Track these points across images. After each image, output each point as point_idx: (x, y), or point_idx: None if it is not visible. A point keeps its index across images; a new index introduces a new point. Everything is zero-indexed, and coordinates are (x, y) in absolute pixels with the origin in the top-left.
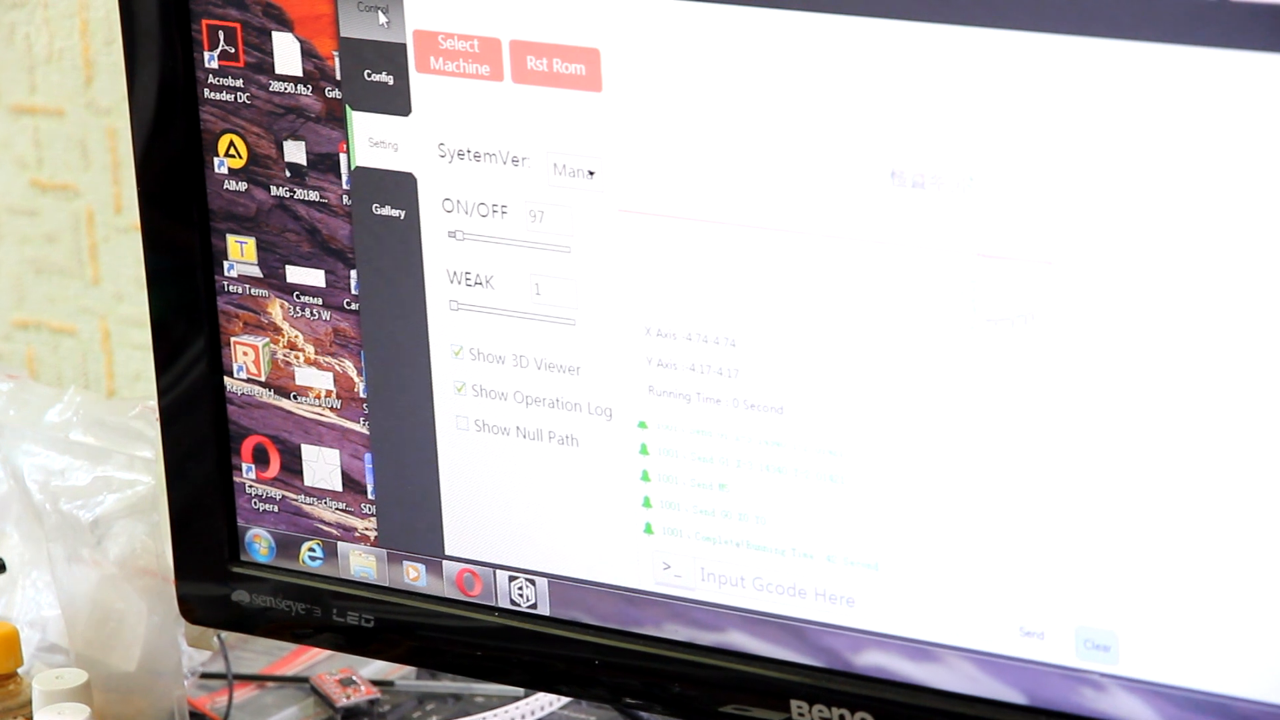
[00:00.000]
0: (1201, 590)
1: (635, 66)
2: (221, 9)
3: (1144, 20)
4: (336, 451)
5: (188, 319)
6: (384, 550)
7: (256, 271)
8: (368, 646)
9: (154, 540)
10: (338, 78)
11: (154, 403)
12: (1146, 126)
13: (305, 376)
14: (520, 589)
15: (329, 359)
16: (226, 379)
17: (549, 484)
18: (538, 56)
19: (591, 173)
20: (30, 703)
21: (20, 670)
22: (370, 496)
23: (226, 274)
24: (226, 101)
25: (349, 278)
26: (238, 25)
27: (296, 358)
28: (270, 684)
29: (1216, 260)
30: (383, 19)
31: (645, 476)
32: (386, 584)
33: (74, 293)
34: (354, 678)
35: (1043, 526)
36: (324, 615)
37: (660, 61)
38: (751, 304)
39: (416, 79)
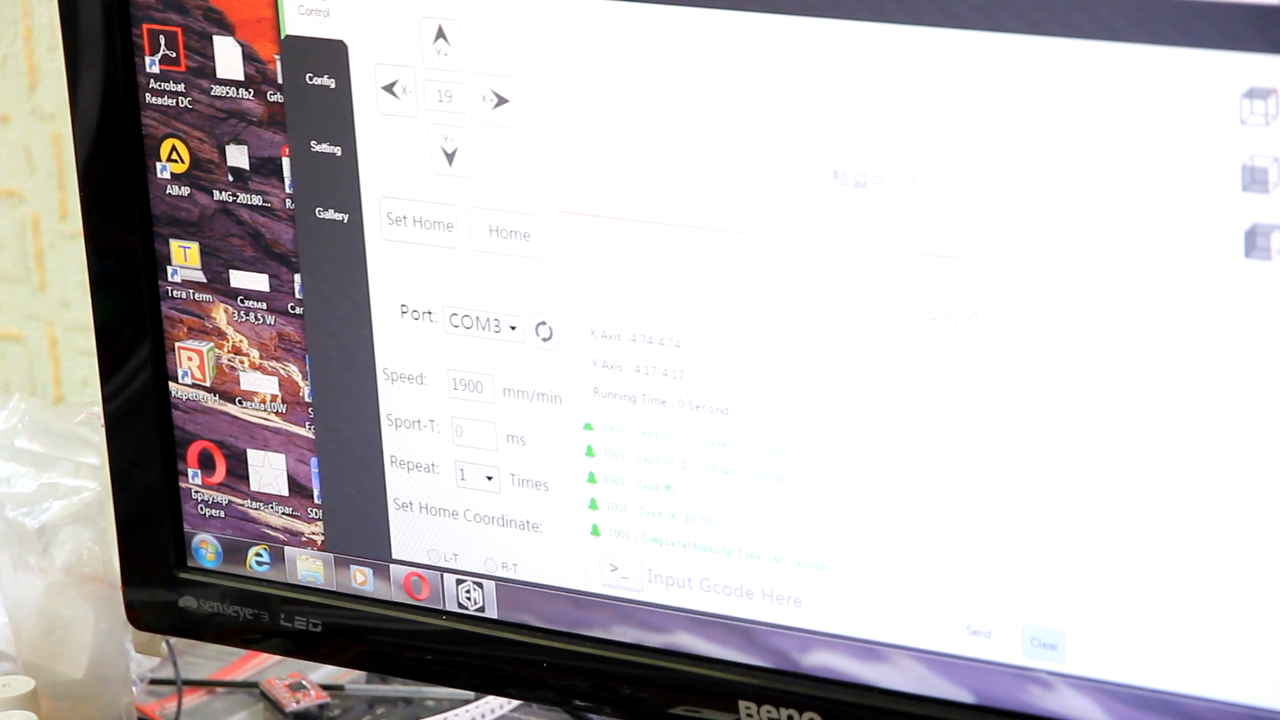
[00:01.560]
0: (1149, 588)
1: (578, 66)
2: (162, 13)
3: (1088, 18)
4: (282, 456)
5: (132, 324)
6: (331, 554)
7: (200, 276)
8: (316, 651)
9: (100, 547)
10: (279, 81)
11: (99, 409)
12: (1089, 124)
13: (250, 381)
14: (468, 592)
15: (274, 363)
16: (171, 384)
17: (495, 486)
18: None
19: (534, 175)
20: None
21: None
22: (317, 501)
23: (170, 279)
24: (168, 106)
25: (293, 282)
26: (179, 30)
27: (241, 362)
28: (219, 690)
29: (1159, 257)
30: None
31: (591, 478)
32: (334, 588)
33: (20, 299)
34: (304, 682)
35: (989, 525)
36: (272, 620)
37: (603, 61)
38: (695, 305)
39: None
